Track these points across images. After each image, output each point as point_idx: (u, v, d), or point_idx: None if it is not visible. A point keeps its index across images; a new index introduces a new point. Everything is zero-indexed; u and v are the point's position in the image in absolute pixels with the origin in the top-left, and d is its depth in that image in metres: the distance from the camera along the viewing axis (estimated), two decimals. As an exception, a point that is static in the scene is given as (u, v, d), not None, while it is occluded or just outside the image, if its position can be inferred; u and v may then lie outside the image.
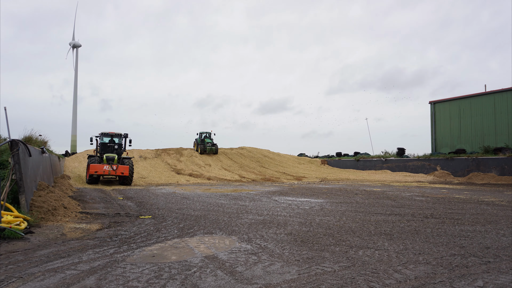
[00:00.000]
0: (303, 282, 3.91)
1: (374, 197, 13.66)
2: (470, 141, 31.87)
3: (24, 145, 8.16)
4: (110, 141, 21.89)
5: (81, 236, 6.40)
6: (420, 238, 6.26)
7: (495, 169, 25.72)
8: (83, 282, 3.87)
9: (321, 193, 15.59)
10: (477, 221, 8.10)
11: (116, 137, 22.09)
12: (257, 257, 4.96)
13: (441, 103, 34.55)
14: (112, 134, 22.00)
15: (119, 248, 5.43)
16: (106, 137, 21.99)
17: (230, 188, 18.79)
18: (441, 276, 4.13)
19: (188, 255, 5.07)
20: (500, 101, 29.72)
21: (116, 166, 19.13)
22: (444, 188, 18.76)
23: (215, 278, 4.03)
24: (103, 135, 21.90)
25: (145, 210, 10.01)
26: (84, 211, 9.56)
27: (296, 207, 10.63)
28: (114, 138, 22.03)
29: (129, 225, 7.59)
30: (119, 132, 22.17)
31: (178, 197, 13.63)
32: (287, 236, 6.42)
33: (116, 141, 22.06)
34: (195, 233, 6.66)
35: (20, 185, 7.32)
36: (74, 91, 59.06)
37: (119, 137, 22.14)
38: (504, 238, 6.27)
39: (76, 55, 59.05)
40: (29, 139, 11.77)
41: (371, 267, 4.47)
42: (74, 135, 58.41)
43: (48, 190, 9.82)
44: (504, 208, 10.43)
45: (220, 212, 9.48)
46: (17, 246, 5.50)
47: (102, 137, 21.88)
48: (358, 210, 10.04)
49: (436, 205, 11.03)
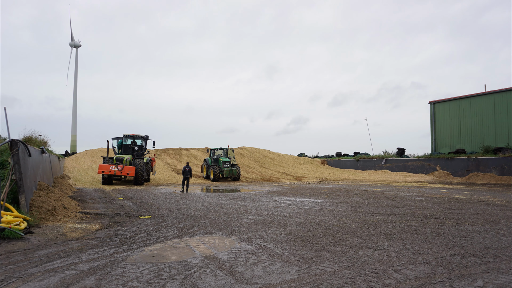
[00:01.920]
0: (303, 282, 3.91)
1: (374, 197, 13.66)
2: (470, 141, 31.87)
3: (24, 145, 8.15)
4: (132, 143, 22.68)
5: (81, 236, 6.40)
6: (420, 238, 6.26)
7: (495, 169, 25.72)
8: (83, 282, 3.87)
9: (321, 193, 15.60)
10: (476, 221, 8.10)
11: (138, 139, 22.94)
12: (257, 257, 4.96)
13: (441, 103, 34.55)
14: (134, 136, 22.88)
15: (119, 248, 5.42)
16: (128, 138, 22.82)
17: (230, 188, 18.79)
18: (441, 276, 4.13)
19: (188, 255, 5.07)
20: (500, 101, 29.73)
21: (122, 167, 19.73)
22: (444, 188, 18.76)
23: (215, 278, 4.03)
24: (125, 136, 22.73)
25: (145, 210, 10.01)
26: (84, 211, 9.56)
27: (296, 207, 10.63)
28: (136, 139, 22.87)
29: (129, 225, 7.59)
30: (140, 134, 23.05)
31: (178, 197, 13.63)
32: (287, 236, 6.42)
33: (138, 143, 22.86)
34: (195, 233, 6.66)
35: (20, 185, 7.31)
36: (74, 91, 59.05)
37: (140, 139, 22.99)
38: (503, 238, 6.27)
39: (76, 55, 59.10)
40: (29, 139, 11.78)
41: (371, 267, 4.47)
42: (74, 135, 58.39)
43: (48, 190, 9.82)
44: (504, 208, 10.43)
45: (220, 212, 9.48)
46: (17, 246, 5.50)
47: (124, 139, 22.70)
48: (358, 210, 10.04)
49: (436, 205, 11.03)
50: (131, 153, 22.15)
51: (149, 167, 22.22)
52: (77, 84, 59.09)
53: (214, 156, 26.45)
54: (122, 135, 22.77)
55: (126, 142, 22.66)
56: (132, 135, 22.81)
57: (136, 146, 22.49)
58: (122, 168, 19.63)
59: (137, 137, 22.91)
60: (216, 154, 26.70)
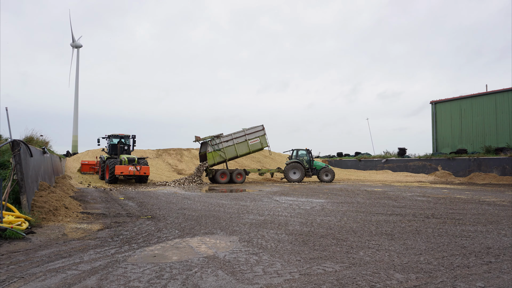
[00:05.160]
0: (304, 282, 3.91)
1: (375, 197, 13.64)
2: (471, 141, 31.80)
3: (26, 146, 8.17)
4: (119, 142, 22.77)
5: (82, 236, 6.41)
6: (421, 238, 6.25)
7: (497, 169, 25.67)
8: (84, 282, 3.88)
9: (322, 193, 15.59)
10: (478, 221, 8.08)
11: (125, 138, 23.04)
12: (258, 257, 4.96)
13: (442, 103, 34.49)
14: (122, 136, 22.93)
15: (120, 248, 5.43)
16: (115, 138, 22.89)
17: (231, 188, 18.79)
18: (442, 276, 4.12)
19: (189, 255, 5.08)
20: (502, 101, 29.66)
21: (140, 167, 20.19)
22: (445, 188, 18.73)
23: (216, 278, 4.03)
24: (112, 136, 22.79)
25: (146, 210, 10.02)
26: (85, 211, 9.58)
27: (297, 207, 10.62)
28: (122, 139, 22.95)
29: (130, 225, 7.60)
30: (127, 134, 23.21)
31: (179, 197, 13.64)
32: (288, 236, 6.42)
33: (125, 142, 23.03)
34: (196, 233, 6.66)
35: (21, 186, 7.33)
36: (75, 91, 59.14)
37: (127, 138, 23.11)
38: (505, 238, 6.26)
39: (77, 56, 59.20)
40: (30, 140, 11.81)
41: (372, 267, 4.47)
42: (75, 135, 58.49)
43: (49, 190, 9.84)
44: (506, 208, 10.41)
45: (221, 212, 9.48)
46: (19, 246, 5.51)
47: (111, 139, 22.77)
48: (359, 210, 10.03)
49: (437, 205, 11.01)
50: (122, 152, 22.40)
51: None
52: (78, 84, 59.23)
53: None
54: (106, 134, 22.95)
55: (112, 141, 22.84)
56: (120, 135, 22.94)
57: (126, 146, 22.76)
58: (140, 169, 20.02)
59: (124, 136, 23.05)
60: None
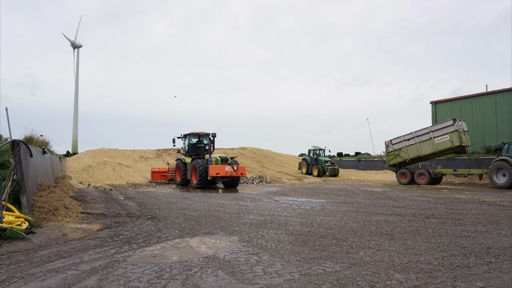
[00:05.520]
0: (304, 283, 3.91)
1: (375, 197, 13.64)
2: (471, 141, 31.78)
3: (25, 146, 8.17)
4: (198, 142, 20.76)
5: (82, 236, 6.41)
6: (421, 238, 6.25)
7: (497, 169, 25.59)
8: (84, 282, 3.88)
9: (322, 193, 15.58)
10: (478, 221, 8.08)
11: (204, 137, 20.85)
12: (258, 257, 4.96)
13: (442, 103, 34.48)
14: (201, 134, 20.71)
15: (120, 248, 5.43)
16: (194, 137, 20.89)
17: (231, 188, 18.78)
18: (442, 277, 4.12)
19: (189, 255, 5.08)
20: (502, 101, 29.66)
21: (237, 167, 18.24)
22: (445, 188, 18.72)
23: (216, 278, 4.03)
24: (190, 135, 20.77)
25: (146, 210, 10.02)
26: (85, 211, 9.58)
27: (297, 207, 10.62)
28: (201, 138, 20.83)
29: (130, 225, 7.59)
30: (207, 132, 20.80)
31: (179, 197, 13.64)
32: (288, 236, 6.42)
33: (204, 141, 20.78)
34: (196, 233, 6.66)
35: (21, 186, 7.33)
36: (75, 91, 59.12)
37: (206, 136, 20.85)
38: (505, 238, 6.25)
39: (77, 55, 59.17)
40: (30, 140, 11.81)
41: (372, 267, 4.47)
42: (75, 135, 58.46)
43: (49, 191, 9.84)
44: (506, 208, 10.40)
45: (221, 212, 9.48)
46: (18, 246, 5.51)
47: (190, 138, 20.82)
48: (359, 210, 10.03)
49: (437, 205, 11.01)
50: (202, 153, 20.36)
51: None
52: (78, 84, 59.23)
53: (314, 156, 31.68)
54: (181, 134, 21.01)
55: (192, 141, 20.77)
56: (200, 133, 20.67)
57: (205, 146, 20.46)
58: (237, 169, 18.21)
59: (204, 135, 20.77)
60: (315, 154, 31.84)
